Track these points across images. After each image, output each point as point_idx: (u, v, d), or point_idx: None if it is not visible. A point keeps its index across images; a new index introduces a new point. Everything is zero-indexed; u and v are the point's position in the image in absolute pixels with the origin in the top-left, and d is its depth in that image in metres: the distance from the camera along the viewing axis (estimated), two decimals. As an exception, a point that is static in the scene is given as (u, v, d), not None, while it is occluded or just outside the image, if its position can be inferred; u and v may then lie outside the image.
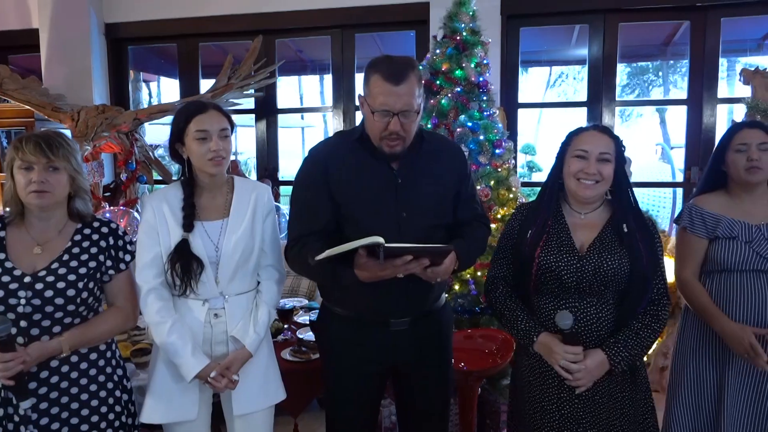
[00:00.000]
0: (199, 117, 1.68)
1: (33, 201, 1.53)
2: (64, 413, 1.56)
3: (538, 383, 1.70)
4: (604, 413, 1.64)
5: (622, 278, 1.61)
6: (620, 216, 1.66)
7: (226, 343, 1.73)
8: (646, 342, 1.62)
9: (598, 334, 1.62)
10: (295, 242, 1.70)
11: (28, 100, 3.90)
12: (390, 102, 1.57)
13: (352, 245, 1.43)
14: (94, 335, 1.60)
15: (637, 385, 1.68)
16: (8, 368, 1.41)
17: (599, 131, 1.67)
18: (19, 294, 1.50)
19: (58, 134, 1.57)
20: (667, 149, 11.12)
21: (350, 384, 1.79)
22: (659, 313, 1.64)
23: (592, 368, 1.57)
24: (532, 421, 1.70)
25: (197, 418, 1.74)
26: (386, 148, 1.65)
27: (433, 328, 1.81)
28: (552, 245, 1.66)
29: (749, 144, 1.88)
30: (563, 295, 1.65)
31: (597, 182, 1.63)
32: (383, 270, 1.49)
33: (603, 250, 1.64)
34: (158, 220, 1.70)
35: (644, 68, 15.93)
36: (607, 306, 1.63)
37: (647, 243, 1.63)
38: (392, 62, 1.61)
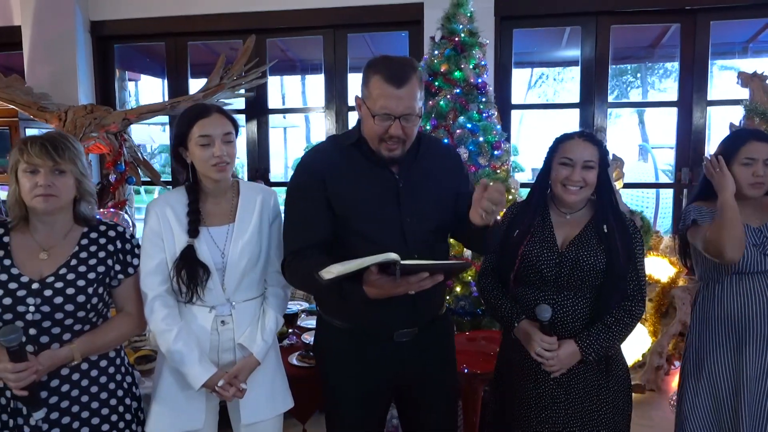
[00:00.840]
0: (202, 121, 1.62)
1: (39, 205, 1.47)
2: (75, 423, 1.51)
3: (518, 363, 1.81)
4: (578, 396, 1.76)
5: (598, 274, 1.71)
6: (601, 216, 1.76)
7: (234, 350, 1.69)
8: (617, 335, 1.72)
9: (573, 325, 1.74)
10: (293, 256, 1.59)
11: (12, 100, 3.79)
12: (391, 105, 1.50)
13: (366, 262, 1.33)
14: (105, 342, 1.56)
15: (612, 375, 1.79)
16: (21, 378, 1.36)
17: (584, 139, 1.75)
18: (27, 301, 1.45)
19: (63, 136, 1.52)
20: (649, 149, 11.29)
21: (352, 403, 1.72)
22: (633, 309, 1.74)
23: (564, 357, 1.69)
24: (513, 400, 1.82)
25: (204, 427, 1.69)
26: (385, 151, 1.58)
27: (436, 337, 1.76)
28: (535, 241, 1.77)
29: (757, 159, 1.87)
30: (543, 288, 1.76)
31: (581, 188, 1.72)
32: (396, 288, 1.37)
33: (581, 246, 1.74)
34: (163, 227, 1.65)
35: (623, 70, 16.18)
36: (583, 300, 1.74)
37: (625, 243, 1.72)
38: (393, 63, 1.54)
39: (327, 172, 1.60)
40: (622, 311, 1.73)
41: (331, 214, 1.59)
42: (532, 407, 1.79)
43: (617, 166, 3.73)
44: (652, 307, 3.54)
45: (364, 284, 1.38)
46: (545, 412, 1.77)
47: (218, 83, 3.88)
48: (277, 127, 13.45)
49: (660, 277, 3.54)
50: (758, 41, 4.98)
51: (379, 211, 1.60)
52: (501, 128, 3.29)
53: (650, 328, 3.53)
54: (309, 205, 1.60)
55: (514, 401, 1.83)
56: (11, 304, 1.44)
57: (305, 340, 2.37)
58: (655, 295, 3.53)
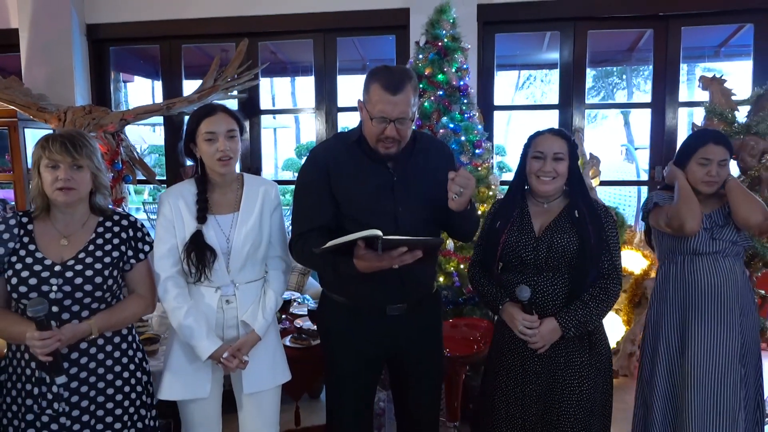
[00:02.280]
0: (208, 119, 1.81)
1: (59, 197, 1.63)
2: (92, 391, 1.67)
3: (507, 344, 1.98)
4: (561, 371, 1.91)
5: (571, 255, 1.87)
6: (573, 204, 1.93)
7: (237, 327, 1.86)
8: (595, 311, 1.87)
9: (553, 304, 1.89)
10: (298, 237, 1.83)
11: (12, 100, 3.92)
12: (387, 110, 1.71)
13: (353, 237, 1.56)
14: (119, 319, 1.72)
15: (594, 353, 1.93)
16: (46, 345, 1.52)
17: (553, 134, 1.94)
18: (50, 282, 1.61)
19: (81, 134, 1.67)
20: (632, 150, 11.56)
21: (349, 367, 1.92)
22: (608, 287, 1.89)
23: (546, 333, 1.85)
24: (501, 377, 1.98)
25: (209, 396, 1.86)
26: (382, 149, 1.79)
27: (425, 315, 1.96)
28: (514, 229, 1.95)
29: (712, 160, 2.08)
30: (524, 271, 1.93)
31: (553, 178, 1.90)
32: (380, 261, 1.61)
33: (556, 231, 1.90)
34: (174, 214, 1.83)
35: (609, 72, 16.45)
36: (561, 279, 1.89)
37: (596, 226, 1.88)
38: (391, 73, 1.74)
39: (331, 166, 1.82)
40: (597, 289, 1.88)
41: (333, 203, 1.81)
42: (519, 383, 1.94)
43: (594, 164, 3.91)
44: (626, 297, 3.73)
45: (354, 258, 1.62)
46: (529, 386, 1.92)
47: (212, 85, 4.03)
48: (268, 127, 13.56)
49: (633, 270, 3.72)
50: (729, 45, 5.21)
51: (375, 202, 1.81)
52: (483, 128, 3.46)
53: (624, 318, 3.73)
54: (314, 195, 1.82)
55: (503, 379, 1.98)
56: (36, 284, 1.60)
57: (297, 325, 2.54)
58: (628, 286, 3.72)
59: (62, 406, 1.63)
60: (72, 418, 1.64)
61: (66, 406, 1.63)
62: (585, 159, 3.88)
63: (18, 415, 1.66)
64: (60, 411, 1.63)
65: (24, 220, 1.69)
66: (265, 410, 1.93)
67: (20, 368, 1.66)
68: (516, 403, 1.95)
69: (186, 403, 1.88)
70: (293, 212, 1.90)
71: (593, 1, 4.04)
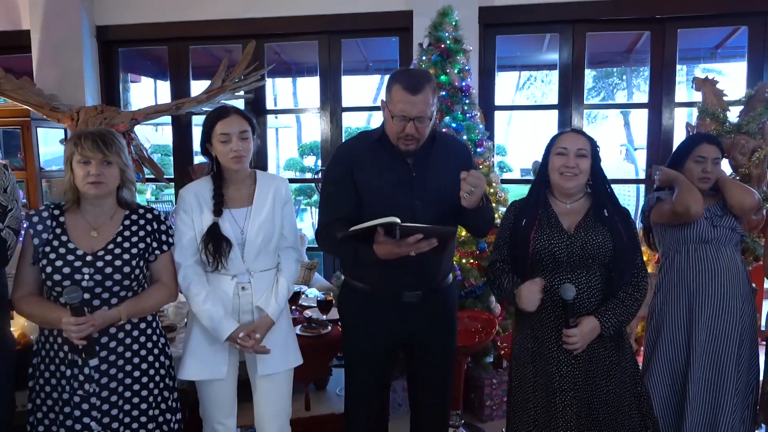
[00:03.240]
0: (222, 121, 1.93)
1: (90, 191, 1.74)
2: (120, 374, 1.78)
3: (538, 350, 1.93)
4: (593, 373, 1.88)
5: (606, 252, 1.87)
6: (599, 203, 1.93)
7: (252, 312, 1.98)
8: (631, 309, 1.88)
9: (588, 301, 1.88)
10: (323, 227, 1.99)
11: (26, 100, 4.02)
12: (407, 109, 1.84)
13: (373, 223, 1.70)
14: (145, 307, 1.83)
15: (622, 351, 1.93)
16: (81, 330, 1.63)
17: (576, 132, 1.99)
18: (83, 270, 1.72)
19: (110, 132, 1.78)
20: (631, 150, 11.66)
21: (367, 349, 2.05)
22: (640, 284, 1.91)
23: (586, 333, 1.83)
24: (534, 385, 1.92)
25: (226, 378, 1.99)
26: (402, 146, 1.92)
27: (441, 303, 2.07)
28: (544, 228, 1.92)
29: (706, 158, 2.23)
30: (557, 270, 1.89)
31: (576, 175, 1.89)
32: (398, 248, 1.73)
33: (588, 229, 1.90)
34: (194, 208, 1.95)
35: (609, 72, 16.54)
36: (594, 277, 1.89)
37: (625, 224, 1.90)
38: (412, 74, 1.90)
39: (355, 161, 1.97)
40: (631, 287, 1.88)
41: (356, 196, 1.95)
42: (557, 390, 1.87)
43: (592, 163, 4.02)
44: (623, 292, 3.83)
45: (374, 244, 1.75)
46: (569, 394, 1.86)
47: (220, 85, 4.14)
48: (270, 127, 13.66)
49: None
50: (726, 47, 5.32)
51: (395, 195, 1.94)
52: (484, 128, 3.57)
53: (621, 312, 3.83)
54: (339, 188, 1.97)
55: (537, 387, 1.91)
56: (69, 273, 1.72)
57: (306, 315, 2.65)
58: (625, 281, 3.82)
59: (93, 387, 1.74)
60: (101, 398, 1.75)
61: (96, 387, 1.74)
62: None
63: (52, 395, 1.76)
64: (90, 392, 1.74)
65: (56, 212, 1.80)
66: (278, 392, 2.05)
67: (53, 351, 1.77)
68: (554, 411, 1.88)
69: (204, 384, 2.00)
70: (320, 204, 2.07)
71: (591, 4, 4.14)
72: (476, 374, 3.13)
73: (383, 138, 1.97)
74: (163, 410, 1.88)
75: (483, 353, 3.16)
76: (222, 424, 2.04)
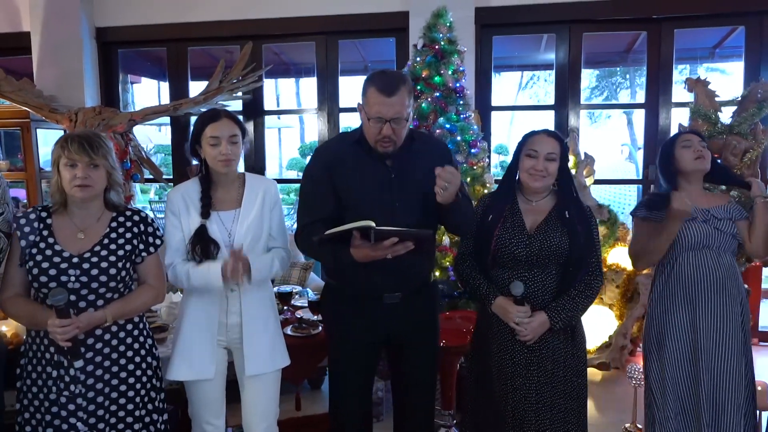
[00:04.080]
0: (213, 125, 1.94)
1: (77, 194, 1.76)
2: (106, 375, 1.80)
3: (494, 337, 2.05)
4: (547, 361, 2.00)
5: (562, 253, 1.97)
6: (563, 204, 2.02)
7: (240, 313, 2.00)
8: (580, 305, 1.99)
9: (542, 298, 1.99)
10: (302, 228, 1.97)
11: (25, 102, 4.06)
12: (383, 111, 1.84)
13: (348, 227, 1.70)
14: (131, 308, 1.84)
15: (576, 342, 2.05)
16: (66, 332, 1.65)
17: (548, 135, 2.02)
18: (69, 272, 1.74)
19: (97, 135, 1.80)
20: (633, 150, 11.62)
21: (349, 351, 2.05)
22: (592, 283, 2.01)
23: (536, 326, 1.94)
24: (491, 372, 2.04)
25: (214, 378, 2.00)
26: (380, 148, 1.92)
27: (422, 303, 2.07)
28: (507, 226, 2.02)
29: (691, 140, 2.23)
30: (515, 267, 2.00)
31: (544, 177, 1.98)
32: (374, 251, 1.73)
33: (548, 230, 1.99)
34: (181, 210, 1.97)
35: (612, 72, 16.49)
36: (550, 276, 1.99)
37: (584, 227, 1.99)
38: (386, 76, 1.87)
39: (334, 163, 1.96)
40: (583, 284, 1.99)
41: (335, 197, 1.94)
42: (509, 376, 2.01)
43: (588, 163, 4.02)
44: (619, 292, 3.84)
45: (351, 248, 1.75)
46: (520, 379, 1.99)
47: (218, 86, 4.16)
48: (272, 127, 13.68)
49: (626, 266, 3.83)
50: (724, 47, 5.31)
51: (374, 196, 1.93)
52: (481, 128, 3.58)
53: (616, 312, 3.83)
54: (318, 189, 1.96)
55: (492, 373, 2.04)
56: (56, 275, 1.73)
57: (298, 315, 2.67)
58: (621, 281, 3.83)
59: (79, 388, 1.76)
60: (88, 399, 1.77)
61: (82, 388, 1.76)
62: (579, 158, 3.99)
63: (38, 396, 1.78)
64: (77, 392, 1.76)
65: (43, 214, 1.82)
66: (265, 392, 2.06)
67: (40, 353, 1.79)
68: (503, 393, 2.02)
69: (192, 384, 2.02)
70: (299, 206, 2.04)
71: (588, 4, 4.15)
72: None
73: (362, 139, 1.97)
74: (150, 411, 1.90)
75: (476, 354, 3.17)
76: (210, 424, 2.06)
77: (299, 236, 1.99)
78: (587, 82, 15.88)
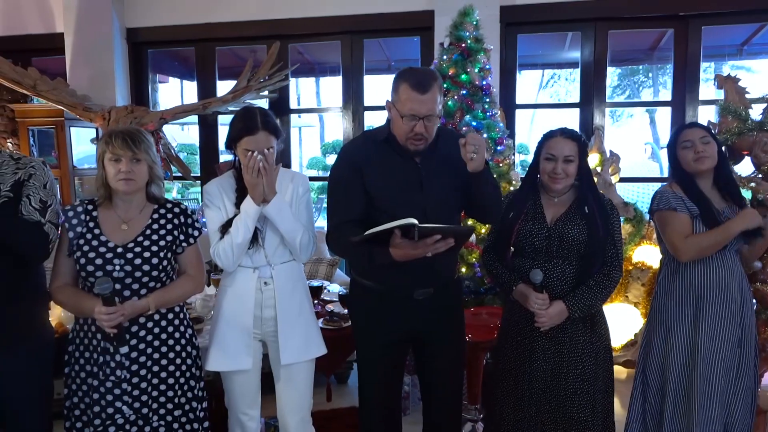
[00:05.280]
0: (248, 138, 1.94)
1: (121, 187, 1.84)
2: (149, 361, 1.87)
3: (516, 325, 2.13)
4: (565, 349, 2.07)
5: (581, 244, 2.04)
6: (583, 198, 2.08)
7: (274, 307, 2.05)
8: (599, 295, 2.04)
9: (562, 288, 2.05)
10: (334, 229, 1.98)
11: (60, 101, 4.17)
12: (417, 108, 1.85)
13: (390, 225, 1.69)
14: (172, 297, 1.91)
15: (595, 333, 2.10)
16: (112, 319, 1.72)
17: (565, 136, 2.06)
18: (114, 262, 1.82)
19: (139, 131, 1.87)
20: (656, 149, 11.51)
21: (378, 348, 2.07)
22: (611, 274, 2.06)
23: (553, 314, 2.00)
24: (512, 353, 2.14)
25: (251, 370, 2.06)
26: (411, 146, 1.93)
27: (448, 299, 2.10)
28: (528, 219, 2.10)
29: (692, 140, 2.19)
30: (536, 257, 2.08)
31: (563, 179, 2.05)
32: (415, 249, 1.73)
33: (567, 222, 2.06)
34: (218, 201, 2.03)
35: (635, 70, 16.32)
36: (569, 266, 2.06)
37: (603, 220, 2.05)
38: (418, 73, 1.89)
39: (363, 162, 1.97)
40: (602, 275, 2.05)
41: (365, 197, 1.95)
42: (527, 360, 2.09)
43: (613, 161, 4.02)
44: (645, 291, 3.82)
45: (391, 247, 1.75)
46: (537, 362, 2.07)
47: (246, 85, 4.23)
48: (293, 126, 13.80)
49: (652, 264, 3.82)
50: (752, 44, 5.25)
51: (405, 195, 1.95)
52: (506, 126, 3.60)
53: (642, 310, 3.82)
54: (348, 189, 1.97)
55: (512, 357, 2.13)
56: (102, 264, 1.81)
57: (328, 309, 2.72)
58: (647, 280, 3.81)
59: (123, 374, 1.83)
60: (132, 384, 1.84)
61: (127, 374, 1.84)
62: (605, 156, 3.98)
63: (86, 381, 1.86)
64: (122, 378, 1.83)
65: (89, 207, 1.90)
66: (299, 382, 2.10)
67: (87, 339, 1.87)
68: (523, 378, 2.10)
69: (229, 375, 2.07)
70: (328, 206, 2.06)
71: (614, 2, 4.14)
72: (495, 370, 3.16)
73: (390, 138, 1.98)
74: (189, 398, 1.97)
75: (501, 349, 3.19)
76: (246, 414, 2.11)
77: (331, 237, 2.00)
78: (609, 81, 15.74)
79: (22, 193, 1.82)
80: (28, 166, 1.86)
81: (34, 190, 1.83)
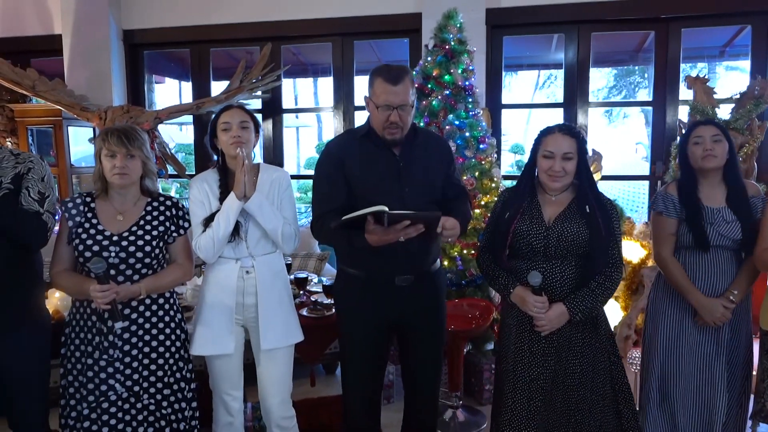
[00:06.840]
0: (225, 113, 2.14)
1: (116, 181, 1.97)
2: (140, 343, 2.00)
3: (516, 329, 2.09)
4: (564, 352, 2.02)
5: (581, 244, 1.96)
6: (583, 197, 2.01)
7: (255, 294, 2.17)
8: (600, 298, 1.97)
9: (561, 290, 1.98)
10: (317, 219, 2.12)
11: (58, 101, 4.29)
12: (391, 98, 2.00)
13: (363, 212, 1.84)
14: (163, 284, 2.04)
15: (598, 334, 2.04)
16: (105, 296, 1.85)
17: (563, 133, 1.99)
18: (109, 249, 1.95)
19: (133, 129, 2.00)
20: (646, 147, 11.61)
21: (361, 334, 2.18)
22: (612, 275, 1.99)
23: (553, 317, 1.95)
24: (512, 357, 2.09)
25: (233, 354, 2.18)
26: (388, 135, 2.06)
27: (430, 287, 2.21)
28: (525, 218, 2.03)
29: (703, 137, 2.22)
30: (534, 258, 2.01)
31: (562, 177, 1.98)
32: (387, 234, 1.86)
33: (566, 221, 1.99)
34: (202, 195, 2.16)
35: (630, 71, 16.41)
36: (569, 267, 1.98)
37: (604, 219, 1.98)
38: (390, 68, 2.04)
39: (344, 156, 2.10)
40: (603, 277, 1.97)
41: (347, 188, 2.09)
42: (526, 364, 2.03)
43: (595, 159, 4.15)
44: (624, 285, 3.95)
45: (366, 233, 1.89)
46: (537, 369, 2.02)
47: (238, 86, 4.36)
48: (291, 126, 13.89)
49: (632, 259, 3.94)
50: (734, 45, 5.37)
51: (384, 184, 2.07)
52: (492, 126, 3.71)
53: (622, 303, 3.95)
54: (330, 181, 2.10)
55: (511, 362, 2.08)
56: (98, 251, 1.94)
57: (313, 299, 2.84)
58: (627, 274, 3.93)
59: (116, 353, 1.96)
60: (124, 363, 1.97)
61: (119, 353, 1.97)
62: (587, 155, 4.10)
63: (81, 360, 1.99)
64: (115, 357, 1.96)
65: (87, 199, 2.04)
66: (279, 366, 2.22)
67: (83, 320, 2.00)
68: (523, 385, 2.04)
69: (213, 358, 2.19)
70: (313, 199, 2.18)
71: (597, 5, 4.27)
72: (476, 360, 3.28)
73: (370, 133, 2.12)
74: (178, 379, 2.09)
75: (483, 340, 3.31)
76: (229, 395, 2.23)
77: (315, 225, 2.13)
78: (605, 82, 15.82)
79: (21, 185, 1.95)
80: (27, 161, 1.99)
81: (32, 182, 1.97)
